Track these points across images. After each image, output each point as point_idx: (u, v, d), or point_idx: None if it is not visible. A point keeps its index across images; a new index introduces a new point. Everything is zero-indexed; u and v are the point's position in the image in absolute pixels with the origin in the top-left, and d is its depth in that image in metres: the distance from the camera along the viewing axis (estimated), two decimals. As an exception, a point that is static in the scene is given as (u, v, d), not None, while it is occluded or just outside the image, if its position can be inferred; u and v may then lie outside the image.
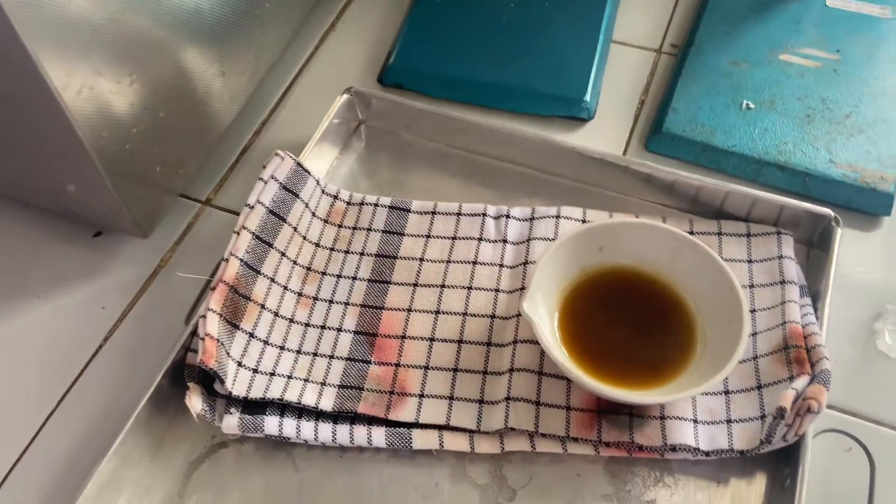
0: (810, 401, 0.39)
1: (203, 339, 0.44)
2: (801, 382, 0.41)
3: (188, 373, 0.45)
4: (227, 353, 0.45)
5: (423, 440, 0.44)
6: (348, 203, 0.55)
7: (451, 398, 0.45)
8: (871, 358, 0.48)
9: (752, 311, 0.47)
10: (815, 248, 0.52)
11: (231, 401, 0.45)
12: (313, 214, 0.53)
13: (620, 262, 0.48)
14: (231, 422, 0.44)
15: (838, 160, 0.55)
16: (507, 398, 0.44)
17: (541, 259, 0.45)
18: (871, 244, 0.53)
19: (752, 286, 0.49)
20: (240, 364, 0.45)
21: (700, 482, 0.43)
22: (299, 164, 0.52)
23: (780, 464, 0.43)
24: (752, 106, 0.58)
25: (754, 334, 0.46)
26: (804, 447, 0.41)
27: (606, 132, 0.60)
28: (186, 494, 0.44)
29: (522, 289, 0.49)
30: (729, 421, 0.43)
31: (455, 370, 0.47)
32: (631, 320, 0.47)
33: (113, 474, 0.43)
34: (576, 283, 0.48)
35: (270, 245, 0.49)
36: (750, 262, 0.50)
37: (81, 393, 0.49)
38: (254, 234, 0.49)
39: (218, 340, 0.44)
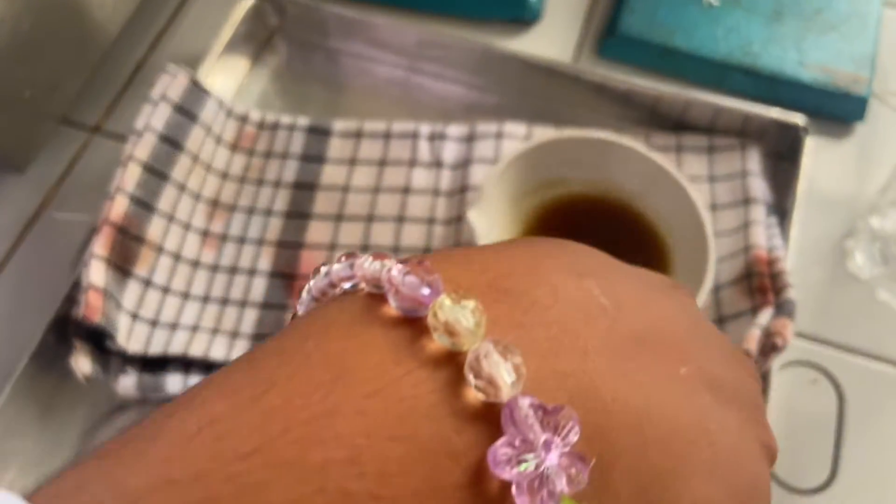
0: (775, 337, 0.35)
1: (86, 290, 0.37)
2: (764, 316, 0.37)
3: (74, 329, 0.39)
4: (119, 305, 0.39)
5: (348, 393, 0.39)
6: (260, 126, 0.48)
7: (380, 345, 0.40)
8: (840, 280, 0.44)
9: (715, 234, 0.43)
10: (783, 160, 0.47)
11: (127, 359, 0.39)
12: (218, 140, 0.46)
13: (585, 182, 0.42)
14: (127, 383, 0.38)
15: (808, 61, 0.49)
16: (443, 342, 0.39)
17: (501, 163, 0.39)
18: (843, 153, 0.48)
19: (714, 207, 0.44)
20: (135, 316, 0.39)
21: (656, 424, 0.39)
22: (195, 82, 0.45)
23: (743, 402, 0.39)
24: (715, 2, 0.52)
25: (717, 261, 0.42)
26: (767, 384, 0.37)
27: (554, 36, 0.53)
28: (82, 466, 0.39)
29: (460, 219, 0.43)
30: (687, 358, 0.39)
31: (385, 313, 0.41)
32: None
33: (-7, 448, 0.38)
34: (533, 206, 0.42)
35: (166, 177, 0.43)
36: (712, 179, 0.45)
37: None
38: (144, 164, 0.42)
39: (105, 291, 0.38)
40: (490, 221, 0.38)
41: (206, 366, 0.40)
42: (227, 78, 0.50)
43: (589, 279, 0.17)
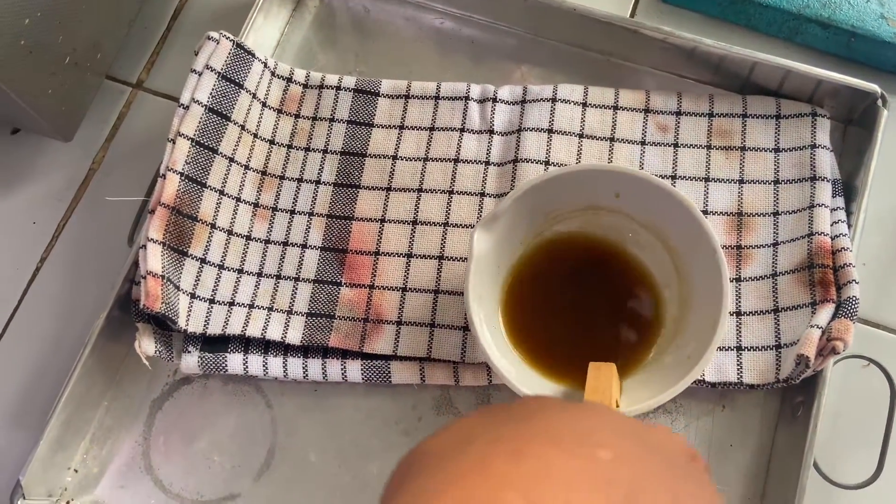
0: (835, 342, 0.35)
1: (145, 277, 0.38)
2: (824, 315, 0.36)
3: (135, 311, 0.40)
4: (177, 287, 0.39)
5: (402, 374, 0.40)
6: (305, 86, 0.46)
7: (432, 325, 0.41)
8: (902, 259, 0.43)
9: (776, 213, 0.41)
10: (854, 126, 0.44)
11: (188, 337, 0.40)
12: (263, 104, 0.45)
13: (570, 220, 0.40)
14: (190, 362, 0.40)
15: (892, 14, 0.45)
16: (495, 325, 0.40)
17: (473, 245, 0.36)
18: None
19: (777, 182, 0.42)
20: (193, 296, 0.40)
21: (703, 406, 0.40)
22: (240, 46, 0.43)
23: (792, 389, 0.39)
24: (794, -59, 0.47)
25: (776, 244, 0.40)
26: (822, 379, 0.37)
27: (614, -22, 0.49)
28: (153, 436, 0.41)
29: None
30: (739, 348, 0.39)
31: (436, 291, 0.42)
32: (588, 291, 0.40)
33: (69, 418, 0.40)
34: (535, 240, 0.40)
35: (215, 151, 0.42)
36: (777, 150, 0.43)
37: (22, 327, 0.44)
38: (193, 139, 0.41)
39: (163, 277, 0.38)
40: (490, 246, 0.36)
41: (265, 342, 0.41)
42: (269, 28, 0.47)
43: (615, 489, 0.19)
